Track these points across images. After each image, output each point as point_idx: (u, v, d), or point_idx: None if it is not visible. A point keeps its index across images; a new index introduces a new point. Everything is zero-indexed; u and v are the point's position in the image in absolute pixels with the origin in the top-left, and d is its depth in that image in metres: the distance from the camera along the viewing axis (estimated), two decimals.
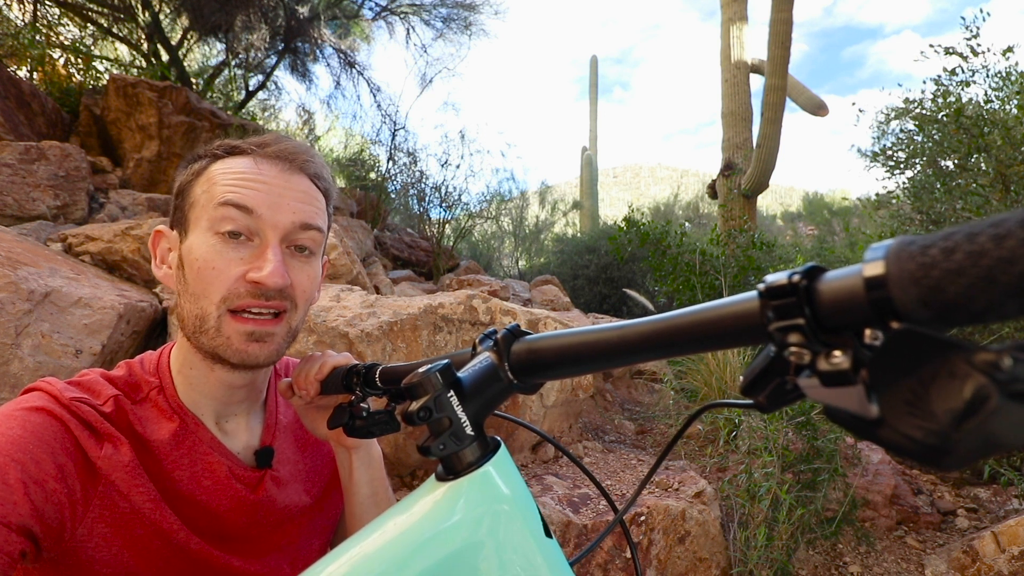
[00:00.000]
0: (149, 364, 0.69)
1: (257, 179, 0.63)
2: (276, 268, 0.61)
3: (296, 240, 0.65)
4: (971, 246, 0.20)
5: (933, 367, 0.22)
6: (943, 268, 0.21)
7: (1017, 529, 1.87)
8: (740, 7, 6.40)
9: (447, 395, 0.40)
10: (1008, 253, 0.19)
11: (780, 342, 0.27)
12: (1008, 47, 3.83)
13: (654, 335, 0.34)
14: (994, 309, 0.20)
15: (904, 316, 0.23)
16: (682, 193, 16.61)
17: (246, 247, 0.62)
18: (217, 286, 0.61)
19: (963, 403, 0.21)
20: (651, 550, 1.75)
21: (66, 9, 5.80)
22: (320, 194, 0.69)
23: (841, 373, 0.25)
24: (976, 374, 0.21)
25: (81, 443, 0.57)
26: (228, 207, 0.61)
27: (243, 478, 0.68)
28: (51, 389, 0.59)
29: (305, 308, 0.68)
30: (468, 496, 0.40)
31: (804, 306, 0.26)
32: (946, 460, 0.22)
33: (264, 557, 0.70)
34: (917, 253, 0.22)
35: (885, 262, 0.23)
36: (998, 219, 0.20)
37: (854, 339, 0.25)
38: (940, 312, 0.21)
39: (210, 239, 0.62)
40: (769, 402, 0.29)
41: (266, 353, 0.64)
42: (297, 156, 0.67)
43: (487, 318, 2.12)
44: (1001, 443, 0.21)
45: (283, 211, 0.63)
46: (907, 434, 0.23)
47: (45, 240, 2.59)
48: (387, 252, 5.81)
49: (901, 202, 4.24)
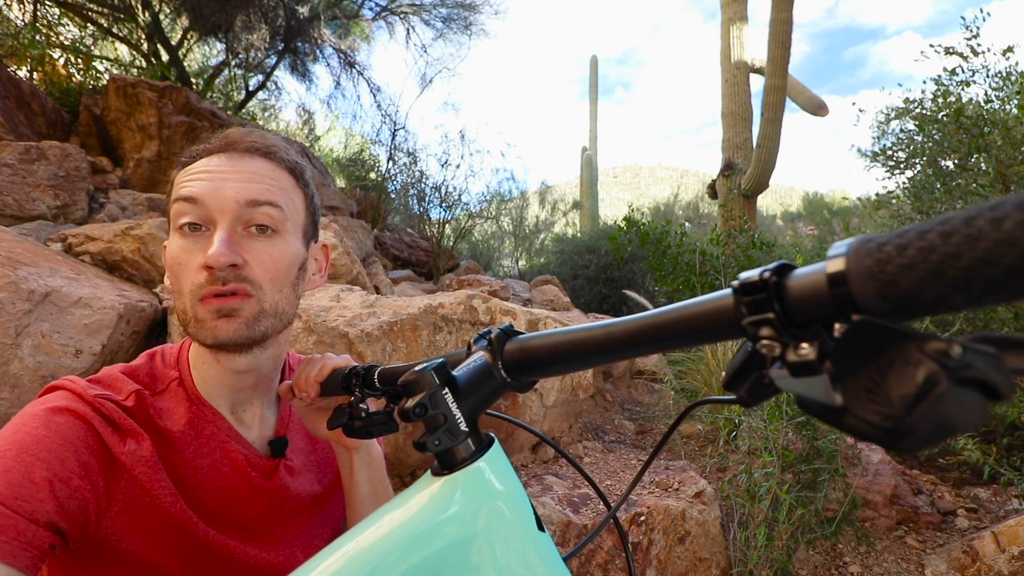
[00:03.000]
0: (170, 357, 0.72)
1: (203, 170, 0.65)
2: (218, 247, 0.61)
3: (251, 219, 0.65)
4: (922, 242, 0.22)
5: (890, 356, 0.24)
6: (896, 263, 0.22)
7: (1017, 529, 1.87)
8: (740, 7, 6.40)
9: (442, 392, 0.41)
10: (954, 248, 0.21)
11: (753, 336, 0.28)
12: (1008, 47, 3.82)
13: (638, 332, 0.35)
14: (943, 301, 0.22)
15: (863, 309, 0.24)
16: (682, 193, 16.60)
17: (203, 237, 0.64)
18: (185, 279, 0.63)
19: (915, 388, 0.23)
20: (651, 550, 1.75)
21: (66, 9, 5.80)
22: (280, 171, 0.69)
23: (807, 364, 0.26)
24: (927, 361, 0.23)
25: (104, 439, 0.59)
26: (179, 202, 0.64)
27: (259, 466, 0.70)
28: (74, 387, 0.61)
29: (278, 288, 0.67)
30: (463, 490, 0.41)
31: (774, 301, 0.27)
32: (904, 443, 0.23)
33: (278, 546, 0.71)
34: (874, 250, 0.23)
35: (846, 259, 0.24)
36: (946, 217, 0.22)
37: (823, 332, 0.26)
38: (895, 304, 0.23)
39: (175, 237, 0.65)
40: (749, 396, 0.31)
41: (235, 327, 0.63)
42: (243, 140, 0.68)
43: (487, 318, 2.12)
44: (953, 426, 0.23)
45: (226, 193, 0.64)
46: (868, 419, 0.24)
47: (45, 240, 2.60)
48: (387, 252, 5.81)
49: (901, 202, 4.23)
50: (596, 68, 13.99)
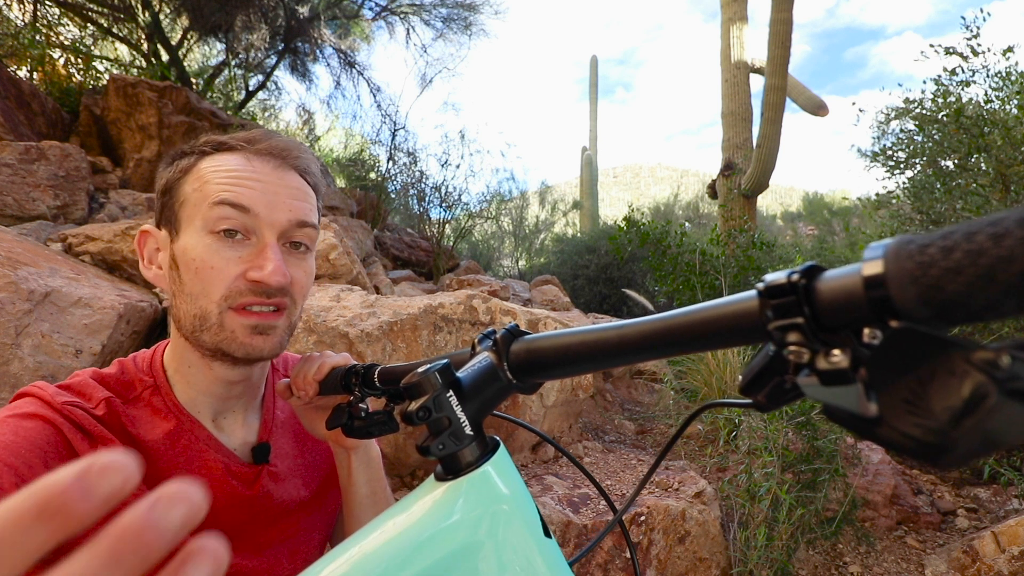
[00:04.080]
0: (143, 363, 0.69)
1: (251, 177, 0.63)
2: (277, 267, 0.61)
3: (292, 237, 0.66)
4: (970, 245, 0.20)
5: (932, 365, 0.22)
6: (942, 267, 0.21)
7: (1017, 529, 1.87)
8: (740, 7, 6.40)
9: (446, 395, 0.40)
10: (1007, 252, 0.19)
11: (779, 341, 0.27)
12: (1008, 47, 3.83)
13: (653, 334, 0.33)
14: (993, 307, 0.20)
15: (903, 315, 0.23)
16: (682, 193, 16.61)
17: (243, 246, 0.62)
18: (217, 285, 0.61)
19: (962, 401, 0.21)
20: (651, 550, 1.75)
21: (66, 9, 5.79)
22: (311, 190, 0.70)
23: (840, 372, 0.25)
24: (975, 372, 0.21)
25: (74, 446, 0.56)
26: (224, 206, 0.61)
27: (240, 474, 0.68)
28: (42, 394, 0.59)
29: (302, 303, 0.69)
30: (467, 496, 0.40)
31: (803, 305, 0.26)
32: (945, 458, 0.22)
33: (262, 553, 0.70)
34: (916, 252, 0.22)
35: (884, 261, 0.23)
36: (996, 218, 0.20)
37: (853, 338, 0.25)
38: (939, 310, 0.21)
39: (206, 239, 0.61)
40: (768, 401, 0.29)
41: (270, 346, 0.64)
42: (289, 152, 0.67)
43: (487, 318, 2.12)
44: (1000, 441, 0.21)
45: (279, 209, 0.63)
46: (906, 432, 0.23)
47: (45, 240, 2.59)
48: (387, 252, 5.81)
49: (901, 202, 4.23)
50: (596, 68, 14.00)
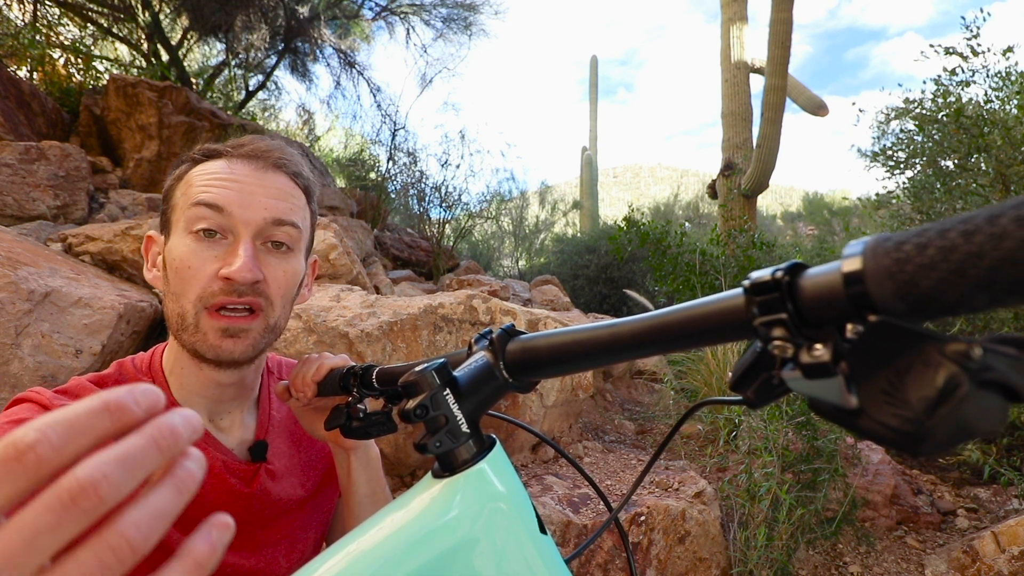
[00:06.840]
0: (141, 364, 0.70)
1: (229, 178, 0.64)
2: (245, 263, 0.62)
3: (271, 236, 0.66)
4: (942, 241, 0.21)
5: (908, 357, 0.23)
6: (916, 263, 0.22)
7: (1017, 529, 1.87)
8: (740, 7, 6.40)
9: (443, 393, 0.40)
10: (976, 248, 0.20)
11: (764, 336, 0.28)
12: (1008, 47, 3.83)
13: (644, 332, 0.34)
14: (965, 302, 0.21)
15: (881, 309, 0.24)
16: (682, 193, 16.60)
17: (220, 245, 0.63)
18: (193, 285, 0.62)
19: (936, 391, 0.22)
20: (651, 550, 1.75)
21: (66, 9, 5.80)
22: (298, 191, 0.70)
23: (822, 365, 0.25)
24: (948, 363, 0.22)
25: None
26: (200, 207, 0.62)
27: (238, 472, 0.69)
28: (39, 399, 0.59)
29: (284, 305, 0.68)
30: (464, 492, 0.40)
31: (787, 301, 0.27)
32: (922, 446, 0.23)
33: (260, 551, 0.70)
34: (892, 249, 0.23)
35: (862, 258, 0.24)
36: (968, 216, 0.21)
37: (835, 333, 0.26)
38: (914, 305, 0.22)
39: (186, 239, 0.63)
40: (757, 397, 0.30)
41: (240, 349, 0.64)
42: (270, 153, 0.67)
43: (487, 318, 2.12)
44: (974, 429, 0.22)
45: (254, 208, 0.64)
46: (885, 422, 0.24)
47: (45, 240, 2.59)
48: (387, 252, 5.81)
49: (901, 202, 4.23)
50: (596, 68, 13.99)
